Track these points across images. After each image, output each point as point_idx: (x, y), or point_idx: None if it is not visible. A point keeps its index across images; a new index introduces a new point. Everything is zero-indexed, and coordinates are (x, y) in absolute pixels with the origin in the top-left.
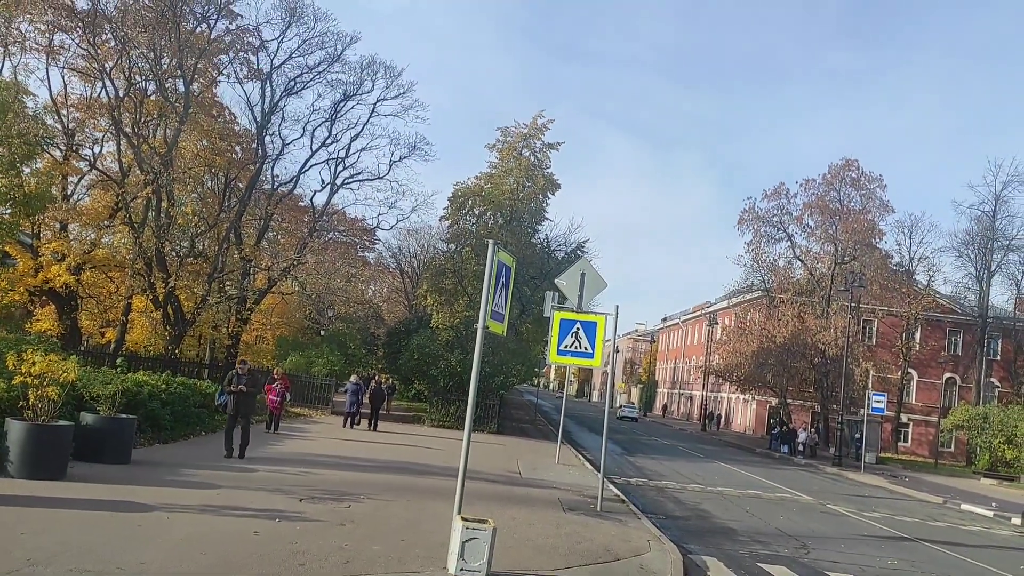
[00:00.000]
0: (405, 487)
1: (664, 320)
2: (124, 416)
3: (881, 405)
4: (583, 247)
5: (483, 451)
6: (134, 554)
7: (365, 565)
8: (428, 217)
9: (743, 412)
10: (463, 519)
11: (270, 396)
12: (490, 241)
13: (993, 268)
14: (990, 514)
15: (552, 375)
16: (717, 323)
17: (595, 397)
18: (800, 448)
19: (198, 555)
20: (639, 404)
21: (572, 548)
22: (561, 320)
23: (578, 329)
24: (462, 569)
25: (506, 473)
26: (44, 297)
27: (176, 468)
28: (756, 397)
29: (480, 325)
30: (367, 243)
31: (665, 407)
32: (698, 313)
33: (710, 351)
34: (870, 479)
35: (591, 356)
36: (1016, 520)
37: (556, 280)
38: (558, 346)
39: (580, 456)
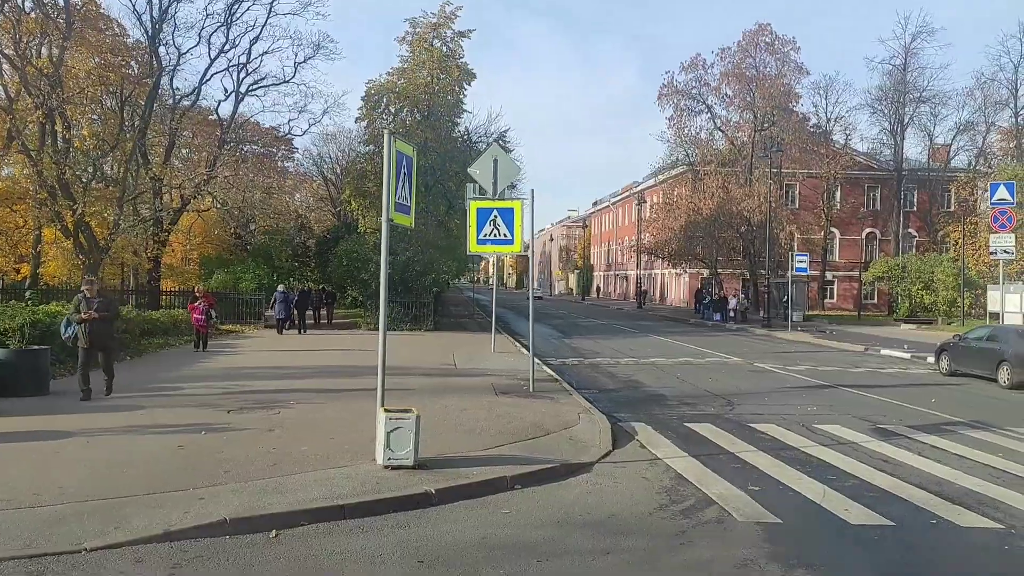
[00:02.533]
0: (338, 390)
1: (594, 204)
2: (37, 347)
3: (804, 265)
4: (504, 136)
5: (421, 348)
6: (52, 479)
7: (292, 465)
8: (341, 119)
9: (676, 286)
10: (387, 410)
11: (194, 315)
12: (385, 131)
13: (906, 121)
14: (907, 356)
15: (491, 270)
16: (645, 202)
17: (535, 287)
18: (731, 314)
19: (120, 474)
20: (577, 289)
21: (503, 428)
22: (478, 209)
23: (496, 217)
24: (389, 459)
25: (442, 366)
26: None
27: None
28: (688, 270)
29: (384, 218)
30: (285, 152)
31: (599, 289)
32: (626, 194)
33: (640, 230)
34: (797, 336)
35: (511, 243)
36: (930, 359)
37: (469, 169)
38: (477, 235)
39: (516, 343)
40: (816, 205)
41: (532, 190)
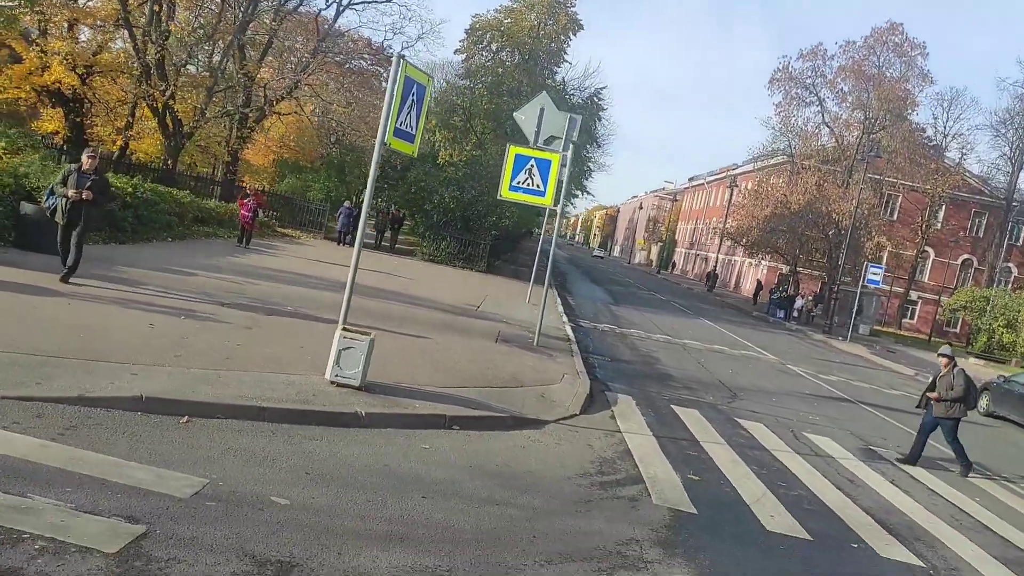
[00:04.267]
0: (334, 305)
1: (690, 180)
2: None
3: (877, 278)
4: (599, 95)
5: (457, 285)
6: (9, 331)
7: (244, 363)
8: (437, 48)
9: (753, 277)
10: (345, 329)
11: (243, 211)
12: (395, 52)
13: None
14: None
15: (578, 227)
16: (737, 186)
17: (616, 252)
18: (795, 314)
19: (76, 337)
20: (656, 262)
21: (478, 373)
22: (516, 155)
23: (532, 166)
24: (336, 375)
25: (464, 306)
26: (53, 100)
27: (114, 265)
28: (767, 263)
29: (379, 141)
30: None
31: (675, 265)
32: (723, 175)
33: (728, 214)
34: (853, 348)
35: (542, 194)
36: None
37: (515, 114)
38: (511, 181)
39: (559, 300)
40: (914, 220)
41: (572, 144)
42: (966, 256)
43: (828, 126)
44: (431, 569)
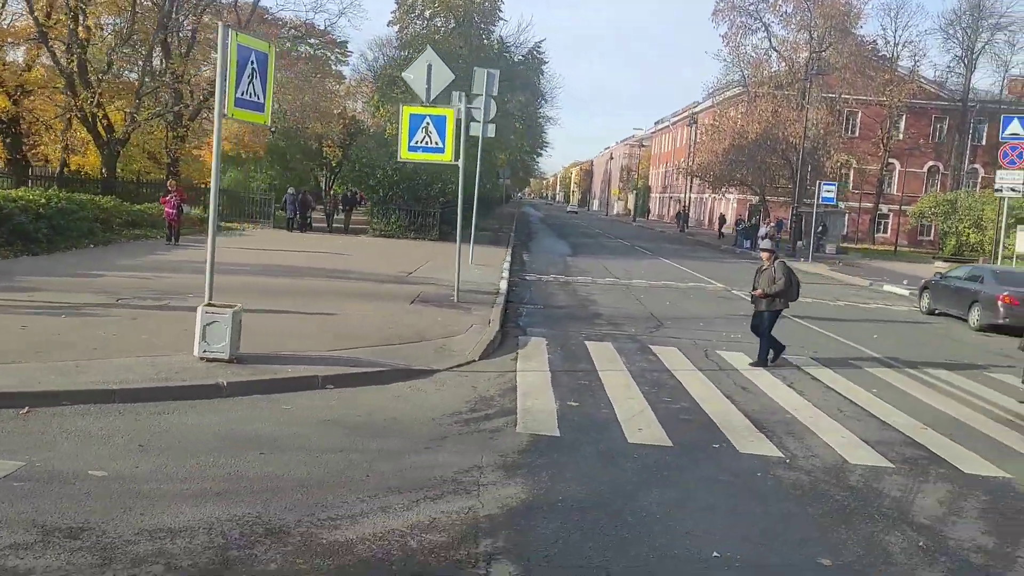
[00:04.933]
0: (252, 288)
1: (656, 124)
2: None
3: (831, 195)
4: (539, 48)
5: (397, 255)
6: None
7: (113, 351)
8: (358, 22)
9: (725, 212)
10: (208, 305)
11: (167, 209)
12: (220, 24)
13: (979, 48)
14: (906, 293)
15: (557, 186)
16: (697, 123)
17: (595, 206)
18: (760, 243)
19: None
20: (632, 210)
21: (376, 333)
22: (410, 115)
23: (428, 124)
24: (204, 351)
25: (396, 274)
26: None
27: (14, 276)
28: (735, 196)
29: (217, 113)
30: (339, 56)
31: (648, 211)
32: (685, 115)
33: (691, 152)
34: (814, 267)
35: (442, 151)
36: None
37: (403, 74)
38: (409, 142)
39: (511, 257)
40: (876, 134)
41: (462, 94)
42: (932, 163)
43: (776, 51)
44: (239, 517)
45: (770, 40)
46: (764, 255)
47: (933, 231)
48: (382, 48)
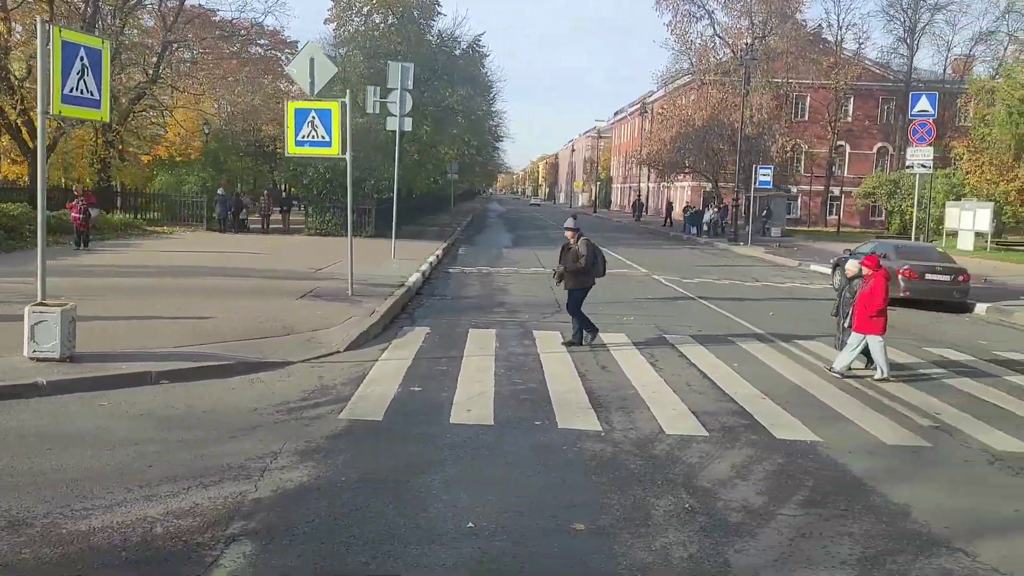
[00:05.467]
0: (147, 289)
1: (616, 115)
2: None
3: (767, 178)
4: (478, 42)
5: (319, 253)
6: None
7: None
8: (291, 21)
9: (680, 199)
10: (37, 304)
11: (73, 214)
12: (38, 18)
13: (920, 29)
14: (828, 271)
15: (526, 181)
16: (648, 112)
17: (561, 199)
18: (705, 228)
19: None
20: (594, 201)
21: (241, 328)
22: (295, 110)
23: (313, 118)
24: (34, 351)
25: (306, 270)
26: None
27: None
28: (690, 184)
29: (40, 111)
30: (291, 54)
31: (610, 202)
32: (641, 104)
33: (643, 141)
34: (751, 251)
35: (329, 144)
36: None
37: (287, 68)
38: (296, 136)
39: (441, 252)
40: (824, 117)
41: (348, 90)
42: (880, 144)
43: (720, 37)
44: None
45: (714, 27)
46: (568, 233)
47: (884, 212)
48: (342, 46)
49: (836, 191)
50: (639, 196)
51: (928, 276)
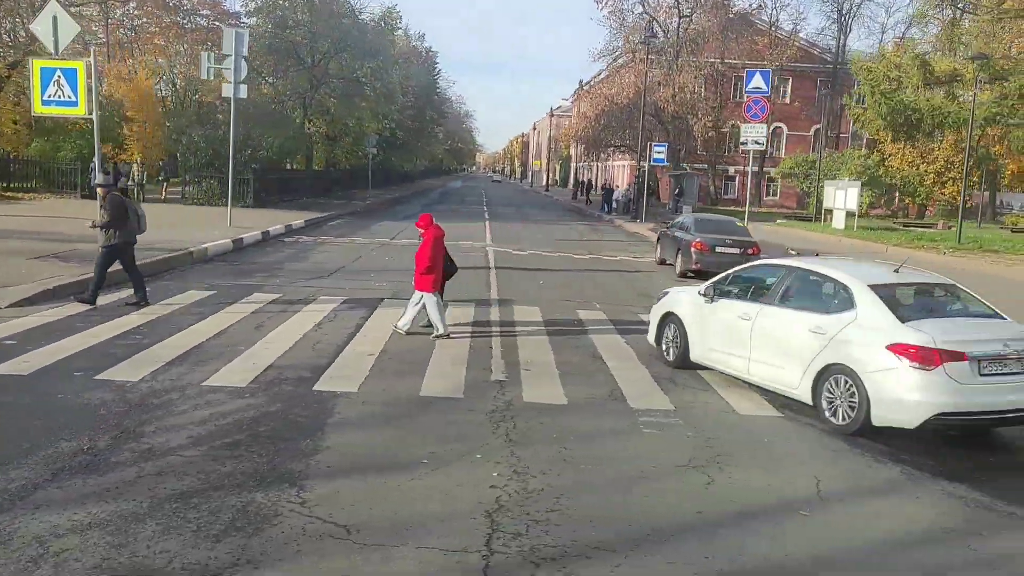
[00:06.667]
0: None
1: (573, 93)
2: None
3: (661, 155)
4: (391, 13)
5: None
6: None
7: None
8: None
9: (622, 177)
10: None
11: None
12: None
13: (852, 10)
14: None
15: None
16: (584, 90)
17: (529, 177)
18: (614, 206)
19: None
20: (546, 180)
21: None
22: (41, 68)
23: (59, 77)
24: None
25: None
26: None
27: None
28: (628, 162)
29: None
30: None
31: (568, 180)
32: (588, 84)
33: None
34: (638, 228)
35: (75, 104)
36: None
37: (31, 26)
38: (42, 96)
39: (302, 224)
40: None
41: (93, 50)
42: (817, 126)
43: (649, 15)
44: None
45: (643, 5)
46: (100, 191)
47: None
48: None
49: (772, 171)
50: (582, 175)
51: (719, 249)
